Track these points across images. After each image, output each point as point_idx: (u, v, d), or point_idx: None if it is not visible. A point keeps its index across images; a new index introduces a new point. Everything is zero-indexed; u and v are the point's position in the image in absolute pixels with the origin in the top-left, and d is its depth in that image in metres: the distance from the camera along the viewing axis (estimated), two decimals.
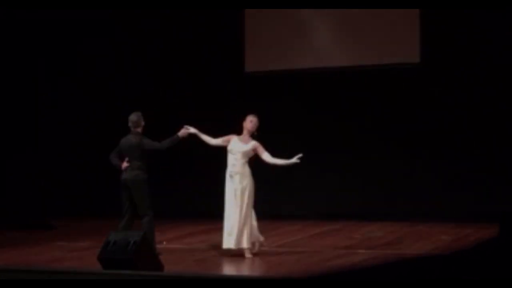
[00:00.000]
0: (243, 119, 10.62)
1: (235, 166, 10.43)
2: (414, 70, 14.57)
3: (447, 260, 10.13)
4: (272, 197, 15.01)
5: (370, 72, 14.84)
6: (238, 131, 10.65)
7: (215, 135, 10.73)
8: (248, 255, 10.44)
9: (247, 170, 10.46)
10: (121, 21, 16.04)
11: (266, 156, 10.45)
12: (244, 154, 10.44)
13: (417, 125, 14.60)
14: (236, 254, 10.46)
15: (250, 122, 10.56)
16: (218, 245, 11.11)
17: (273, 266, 9.94)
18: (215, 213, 14.43)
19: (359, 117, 14.93)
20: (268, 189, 14.80)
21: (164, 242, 11.70)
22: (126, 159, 10.63)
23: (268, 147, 14.18)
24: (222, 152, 10.71)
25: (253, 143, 10.47)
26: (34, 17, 15.29)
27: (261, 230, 10.65)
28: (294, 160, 10.30)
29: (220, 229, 10.40)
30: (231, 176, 10.45)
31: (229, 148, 10.50)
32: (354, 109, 14.97)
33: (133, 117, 10.71)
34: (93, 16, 16.00)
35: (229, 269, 9.94)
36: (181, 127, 10.78)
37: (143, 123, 10.76)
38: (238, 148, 10.46)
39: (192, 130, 10.71)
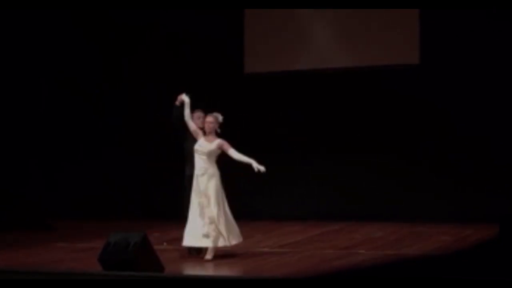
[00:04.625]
0: (242, 120, 10.56)
1: (202, 167, 10.33)
2: (414, 71, 14.56)
3: (447, 260, 10.13)
4: (272, 198, 15.02)
5: (369, 73, 14.83)
6: (236, 134, 10.59)
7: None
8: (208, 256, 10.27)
9: (214, 169, 10.33)
10: (120, 21, 16.04)
11: (232, 152, 10.26)
12: (210, 153, 10.34)
13: (417, 125, 14.59)
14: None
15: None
16: (218, 245, 11.10)
17: (273, 266, 9.93)
18: None
19: (359, 118, 14.93)
20: (268, 190, 14.84)
21: (165, 243, 11.69)
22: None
23: (268, 147, 14.23)
24: (224, 154, 10.70)
25: (217, 142, 10.35)
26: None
27: (262, 230, 10.64)
28: (256, 166, 10.02)
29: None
30: (197, 176, 10.35)
31: (195, 147, 10.42)
32: (354, 110, 14.97)
33: None
34: (91, 16, 16.01)
35: (229, 270, 9.93)
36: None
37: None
38: (203, 148, 10.38)
39: (186, 99, 10.71)
